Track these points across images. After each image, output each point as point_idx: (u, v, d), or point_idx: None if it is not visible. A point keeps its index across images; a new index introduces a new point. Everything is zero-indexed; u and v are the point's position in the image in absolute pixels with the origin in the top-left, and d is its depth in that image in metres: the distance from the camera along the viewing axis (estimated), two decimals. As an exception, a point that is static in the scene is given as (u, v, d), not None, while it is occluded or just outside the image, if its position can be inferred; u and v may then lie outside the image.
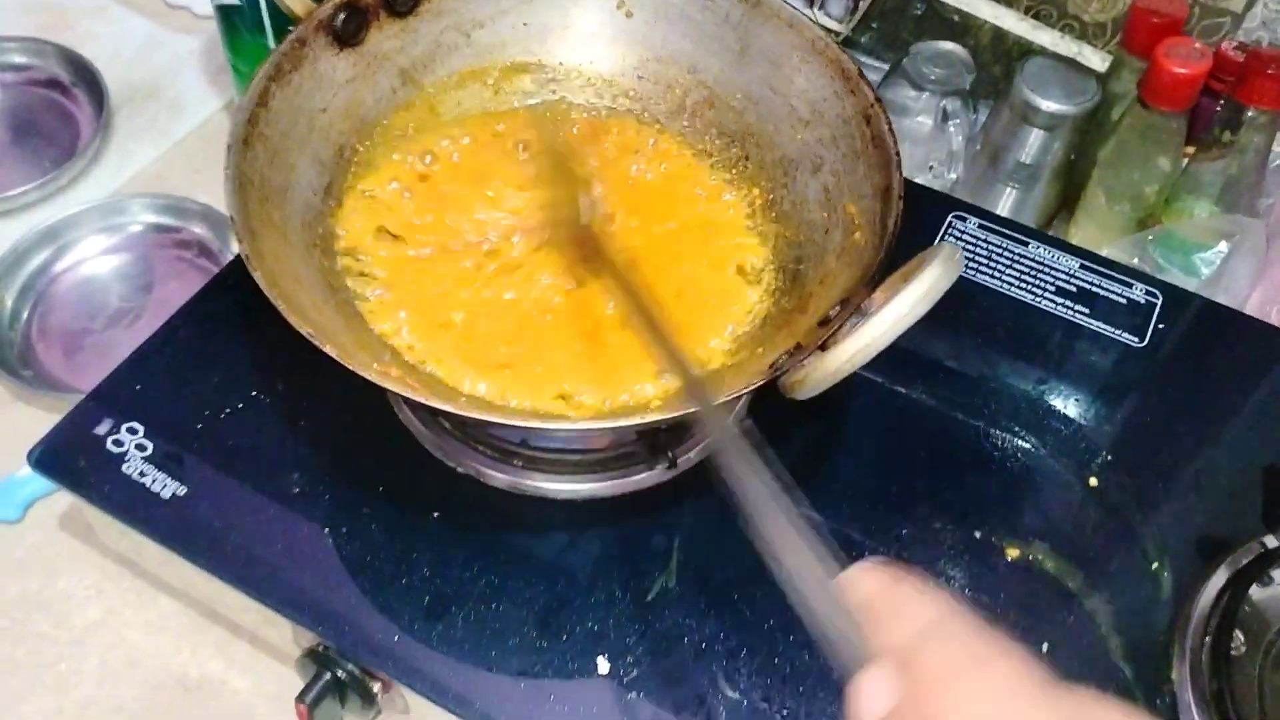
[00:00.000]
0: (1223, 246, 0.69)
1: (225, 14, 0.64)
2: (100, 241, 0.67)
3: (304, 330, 0.40)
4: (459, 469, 0.50)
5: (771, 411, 0.46)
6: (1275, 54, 0.68)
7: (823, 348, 0.42)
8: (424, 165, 0.54)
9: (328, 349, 0.40)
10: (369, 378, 0.40)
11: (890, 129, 0.48)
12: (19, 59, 0.76)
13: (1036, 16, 0.81)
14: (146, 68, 0.79)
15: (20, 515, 0.58)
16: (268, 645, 0.53)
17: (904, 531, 0.49)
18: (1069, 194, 0.76)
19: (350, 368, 0.40)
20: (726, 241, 0.53)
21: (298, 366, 0.53)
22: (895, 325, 0.38)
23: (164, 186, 0.71)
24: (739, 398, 0.45)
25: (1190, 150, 0.71)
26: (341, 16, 0.51)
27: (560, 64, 0.57)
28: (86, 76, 0.75)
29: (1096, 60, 0.79)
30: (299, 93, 0.49)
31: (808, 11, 0.81)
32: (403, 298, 0.50)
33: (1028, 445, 0.52)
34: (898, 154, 0.47)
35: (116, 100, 0.75)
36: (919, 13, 0.84)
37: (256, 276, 0.41)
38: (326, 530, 0.48)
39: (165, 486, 0.49)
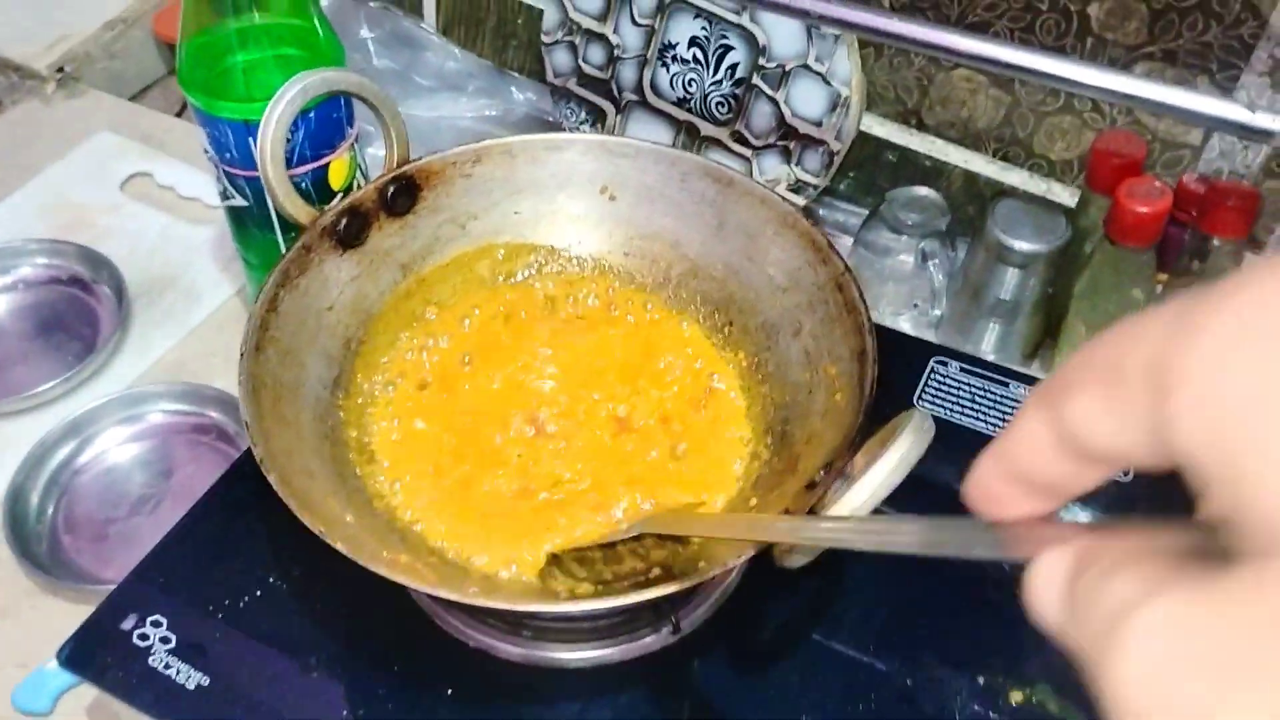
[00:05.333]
0: (1202, 369, 0.71)
1: (234, 213, 0.68)
2: (121, 432, 0.70)
3: (316, 529, 0.42)
4: (470, 644, 0.52)
5: (770, 562, 0.48)
6: (1234, 186, 0.72)
7: (810, 513, 0.44)
8: (426, 348, 0.57)
9: (338, 546, 0.42)
10: (378, 571, 0.42)
11: (861, 295, 0.51)
12: (42, 259, 0.81)
13: (1005, 158, 0.85)
14: (163, 259, 0.83)
15: (51, 707, 0.59)
16: (291, 829, 0.54)
17: (909, 681, 0.51)
18: (1051, 325, 0.79)
19: (360, 563, 0.42)
20: (718, 404, 0.56)
21: (311, 551, 0.54)
22: (873, 496, 0.40)
23: (182, 373, 0.75)
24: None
25: (1163, 278, 0.74)
26: (344, 222, 0.54)
27: (551, 246, 0.60)
28: (106, 272, 0.79)
29: (1066, 196, 0.82)
30: (306, 295, 0.53)
31: (785, 168, 0.85)
32: (408, 478, 0.52)
33: (1019, 591, 0.54)
34: (869, 319, 0.50)
35: (135, 292, 0.79)
36: (893, 160, 0.89)
37: (271, 479, 0.44)
38: (345, 713, 0.50)
39: (189, 678, 0.51)
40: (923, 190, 0.84)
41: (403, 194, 0.56)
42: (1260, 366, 0.18)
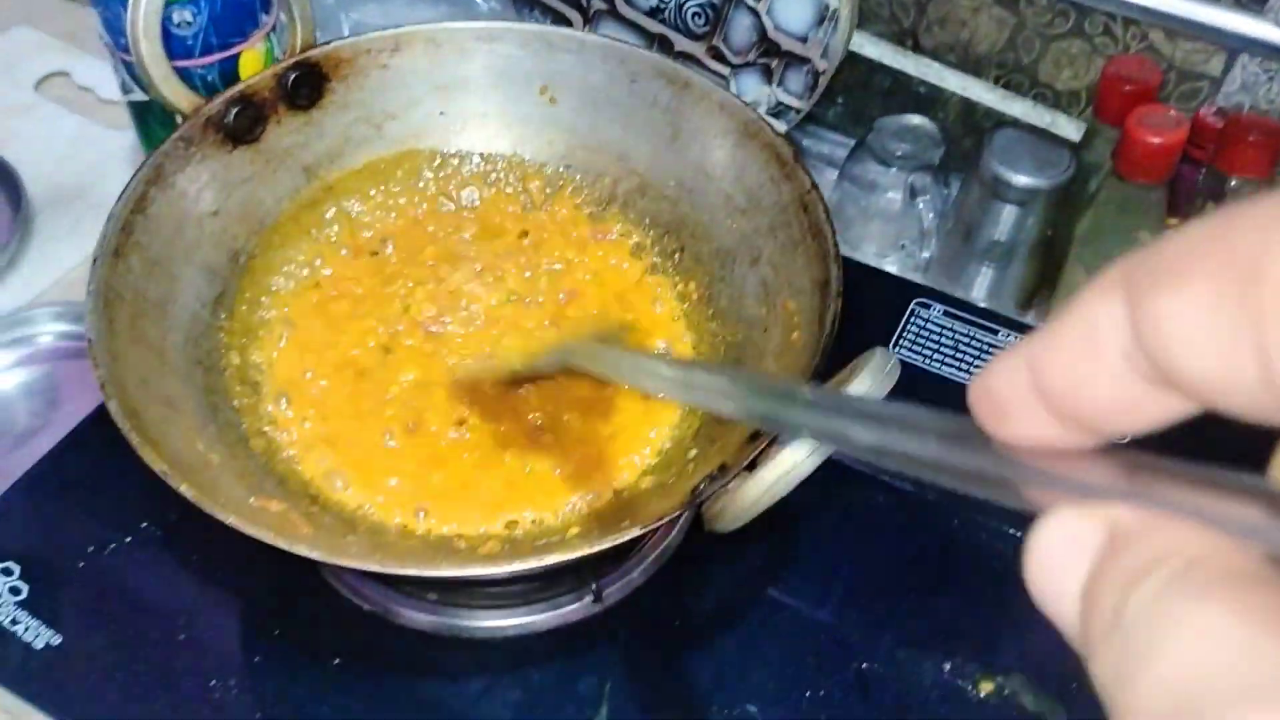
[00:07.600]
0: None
1: (137, 110, 0.60)
2: (6, 356, 0.62)
3: (157, 468, 0.35)
4: (365, 607, 0.45)
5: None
6: (1256, 119, 0.64)
7: (751, 467, 0.37)
8: (328, 262, 0.50)
9: (182, 489, 0.35)
10: (226, 521, 0.35)
11: (828, 218, 0.43)
12: (-66, 162, 0.73)
13: (1007, 86, 0.77)
14: (75, 167, 0.75)
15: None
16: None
17: (864, 666, 0.44)
18: (1049, 271, 0.72)
19: (205, 509, 0.35)
20: (660, 340, 0.48)
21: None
22: (820, 448, 0.33)
23: (84, 293, 0.67)
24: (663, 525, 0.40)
25: (1174, 221, 0.67)
26: (234, 112, 0.47)
27: (481, 154, 0.53)
28: (4, 178, 0.71)
29: (1071, 129, 0.75)
30: (185, 197, 0.45)
31: (766, 89, 0.77)
32: (295, 409, 0.45)
33: (996, 564, 0.47)
34: (836, 246, 0.42)
35: (40, 202, 0.71)
36: (885, 85, 0.81)
37: (111, 406, 0.37)
38: (213, 683, 0.43)
39: (38, 635, 0.44)
40: (915, 118, 0.76)
41: (306, 83, 0.48)
42: None
